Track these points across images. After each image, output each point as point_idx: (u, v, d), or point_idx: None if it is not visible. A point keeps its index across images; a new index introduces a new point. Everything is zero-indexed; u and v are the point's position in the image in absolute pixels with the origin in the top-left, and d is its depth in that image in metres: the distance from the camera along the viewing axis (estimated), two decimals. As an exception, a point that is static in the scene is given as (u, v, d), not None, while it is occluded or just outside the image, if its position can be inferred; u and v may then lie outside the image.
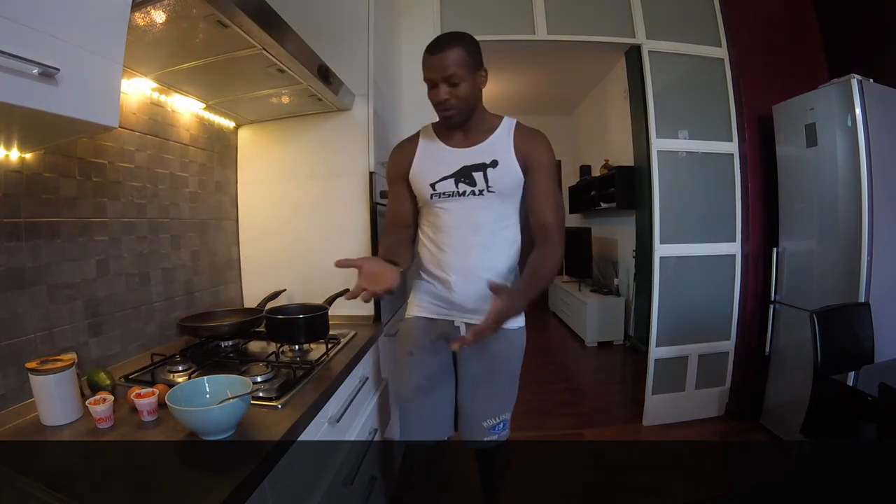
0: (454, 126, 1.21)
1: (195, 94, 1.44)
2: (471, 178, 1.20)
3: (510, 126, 1.22)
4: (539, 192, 1.19)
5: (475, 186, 1.20)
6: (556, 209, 1.19)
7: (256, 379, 1.04)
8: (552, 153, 1.21)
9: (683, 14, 2.45)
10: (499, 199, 1.20)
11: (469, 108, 1.16)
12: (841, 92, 1.97)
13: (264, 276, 1.80)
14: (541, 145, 1.20)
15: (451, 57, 1.09)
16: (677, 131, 2.40)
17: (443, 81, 1.11)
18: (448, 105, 1.13)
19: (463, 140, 1.23)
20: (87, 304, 1.11)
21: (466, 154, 1.21)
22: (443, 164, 1.22)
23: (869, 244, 1.88)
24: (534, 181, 1.19)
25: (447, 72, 1.10)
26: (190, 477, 0.67)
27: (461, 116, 1.17)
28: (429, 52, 1.12)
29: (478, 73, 1.16)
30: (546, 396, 2.97)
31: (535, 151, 1.19)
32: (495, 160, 1.19)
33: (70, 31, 0.66)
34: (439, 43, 1.12)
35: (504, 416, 1.33)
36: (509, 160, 1.18)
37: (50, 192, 1.02)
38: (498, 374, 1.29)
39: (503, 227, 1.22)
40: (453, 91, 1.12)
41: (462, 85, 1.12)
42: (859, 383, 1.51)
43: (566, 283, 4.92)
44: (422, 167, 1.25)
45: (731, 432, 2.38)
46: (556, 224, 1.18)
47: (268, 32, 1.04)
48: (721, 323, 2.51)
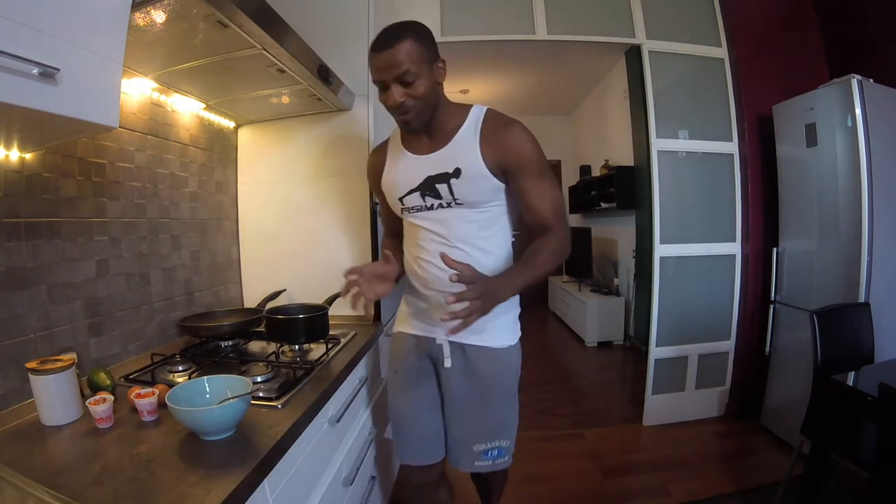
0: (416, 131, 1.06)
1: (195, 94, 1.44)
2: (435, 191, 1.06)
3: (477, 121, 1.05)
4: (530, 194, 1.04)
5: (441, 199, 1.06)
6: (553, 206, 1.05)
7: (256, 379, 1.04)
8: (534, 144, 1.03)
9: (683, 14, 2.45)
10: (473, 208, 1.06)
11: (429, 107, 1.01)
12: (841, 92, 1.97)
13: (264, 276, 1.80)
14: (517, 140, 1.02)
15: (401, 52, 0.93)
16: (677, 131, 2.40)
17: (395, 82, 0.95)
18: (405, 108, 0.98)
19: (427, 145, 1.08)
20: (87, 304, 1.11)
21: (429, 162, 1.06)
22: (407, 175, 1.10)
23: (869, 244, 1.88)
24: (520, 184, 1.04)
25: (399, 70, 0.93)
26: (190, 477, 0.67)
27: (422, 118, 1.01)
28: (374, 49, 0.96)
29: (435, 65, 1.00)
30: (546, 396, 2.97)
31: (511, 151, 1.01)
32: (458, 168, 1.03)
33: (70, 31, 0.66)
34: (386, 37, 0.95)
35: (499, 443, 1.17)
36: (475, 167, 1.02)
37: (50, 192, 1.02)
38: (489, 395, 1.15)
39: (484, 237, 1.08)
40: (409, 91, 0.96)
41: (418, 83, 0.96)
42: (859, 383, 1.50)
43: (566, 283, 4.92)
44: (389, 179, 1.15)
45: (731, 432, 2.38)
46: (555, 218, 1.04)
47: (268, 32, 1.04)
48: (721, 323, 2.51)
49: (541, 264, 1.00)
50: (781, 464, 1.89)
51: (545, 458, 2.18)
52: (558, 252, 1.03)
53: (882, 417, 1.21)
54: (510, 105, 5.08)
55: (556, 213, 1.05)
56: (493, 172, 1.03)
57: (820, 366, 1.51)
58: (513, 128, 1.02)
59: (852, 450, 1.40)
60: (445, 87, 1.08)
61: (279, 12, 1.09)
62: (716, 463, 2.11)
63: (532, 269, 0.99)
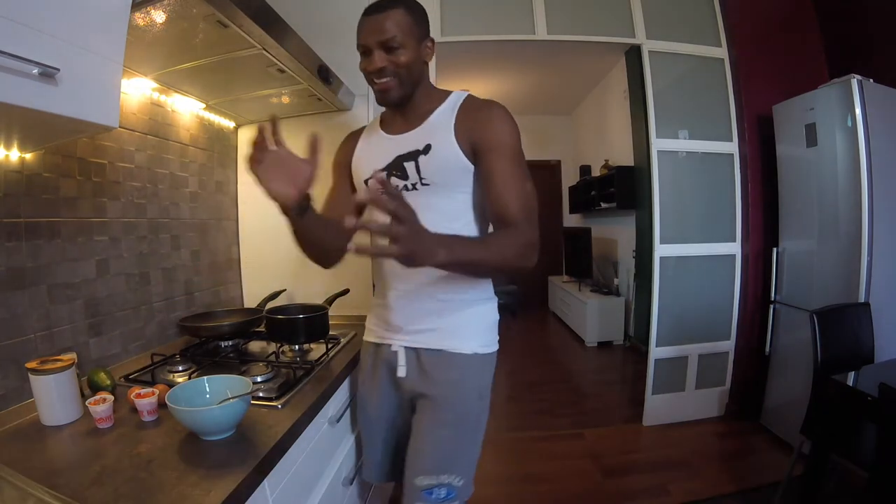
0: (392, 104, 0.97)
1: (195, 94, 1.44)
2: (403, 170, 0.97)
3: (457, 101, 0.98)
4: (494, 177, 0.91)
5: (408, 180, 0.97)
6: (520, 197, 0.90)
7: (256, 379, 1.04)
8: (512, 128, 0.94)
9: (683, 14, 2.45)
10: (439, 193, 0.95)
11: (410, 82, 0.95)
12: (841, 92, 1.97)
13: (264, 276, 1.80)
14: (495, 119, 0.93)
15: (391, 18, 0.90)
16: (677, 131, 2.40)
17: (379, 47, 0.90)
18: (384, 73, 0.91)
19: (401, 125, 1.01)
20: (87, 304, 1.11)
21: (402, 141, 0.99)
22: (378, 155, 1.01)
23: (869, 244, 1.88)
24: (487, 165, 0.92)
25: (385, 35, 0.89)
26: (190, 477, 0.67)
27: (401, 90, 0.94)
28: (365, 13, 0.93)
29: (423, 43, 0.95)
30: (546, 396, 2.97)
31: (485, 128, 0.92)
32: (428, 144, 0.95)
33: (70, 31, 0.66)
34: (379, 2, 0.92)
35: (448, 479, 0.94)
36: (446, 143, 0.94)
37: (50, 192, 1.02)
38: (441, 411, 0.97)
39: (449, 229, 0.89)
40: (392, 58, 0.91)
41: (402, 52, 0.91)
42: (859, 383, 1.50)
43: (566, 283, 4.92)
44: (359, 160, 1.07)
45: (731, 432, 2.38)
46: (521, 213, 0.89)
47: (268, 32, 1.04)
48: (721, 323, 2.51)
49: (490, 247, 0.85)
50: (781, 464, 1.89)
51: (545, 458, 2.18)
52: (518, 248, 0.86)
53: (882, 417, 1.21)
54: (510, 105, 4.98)
55: (524, 208, 0.90)
56: (465, 151, 0.93)
57: (820, 366, 1.51)
58: (492, 108, 0.96)
59: (852, 450, 1.40)
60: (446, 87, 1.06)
61: (279, 12, 1.09)
62: (716, 463, 2.11)
63: (478, 247, 0.85)
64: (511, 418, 2.66)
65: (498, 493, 1.91)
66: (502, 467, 2.12)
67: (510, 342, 4.34)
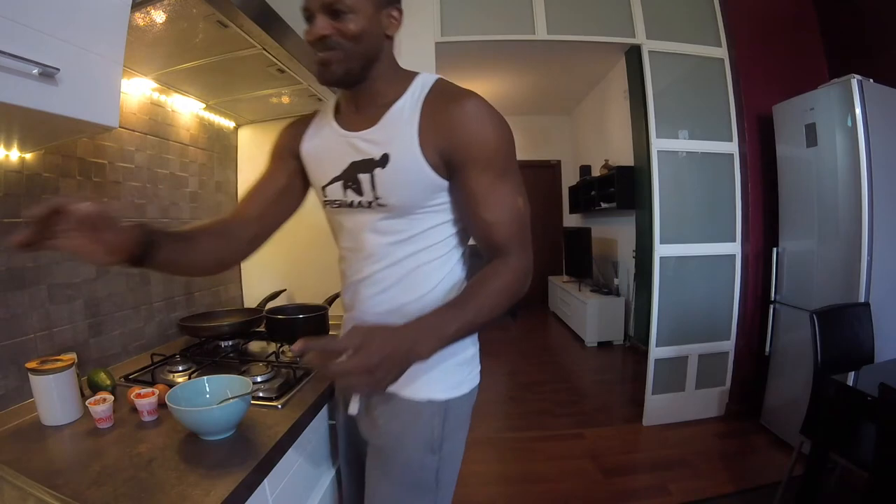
0: (332, 82, 0.74)
1: (195, 94, 1.44)
2: (357, 183, 0.77)
3: (422, 91, 0.75)
4: (476, 197, 0.72)
5: (362, 196, 0.76)
6: (510, 218, 0.73)
7: (256, 379, 1.04)
8: (494, 129, 0.72)
9: (683, 14, 2.45)
10: (397, 216, 0.76)
11: (359, 55, 0.72)
12: (841, 92, 1.97)
13: (264, 276, 1.80)
14: (470, 120, 0.71)
15: None
16: (677, 131, 2.40)
17: (322, 11, 0.69)
18: (327, 45, 0.70)
19: (356, 118, 0.78)
20: (87, 304, 1.11)
21: (357, 142, 0.76)
22: (331, 154, 0.80)
23: (869, 244, 1.88)
24: (466, 182, 0.73)
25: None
26: (190, 477, 0.67)
27: (346, 66, 0.71)
28: None
29: (385, 10, 0.73)
30: (546, 396, 2.97)
31: (458, 133, 0.71)
32: (386, 154, 0.73)
33: (70, 31, 0.66)
34: None
35: None
36: (407, 154, 0.72)
37: (50, 192, 1.02)
38: (385, 466, 0.80)
39: (411, 255, 0.77)
40: (337, 24, 0.69)
41: (352, 18, 0.68)
42: (859, 383, 1.51)
43: (566, 283, 4.92)
44: (310, 159, 0.86)
45: (731, 432, 2.38)
46: (512, 238, 0.74)
47: (268, 32, 1.04)
48: (721, 323, 2.51)
49: (481, 306, 0.68)
50: (781, 464, 1.89)
51: (545, 458, 2.18)
52: (510, 289, 0.72)
53: (882, 417, 1.21)
54: (510, 105, 5.08)
55: (516, 232, 0.74)
56: (432, 164, 0.72)
57: (820, 366, 1.52)
58: (466, 101, 0.72)
59: (852, 450, 1.40)
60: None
61: (279, 12, 1.09)
62: (716, 463, 2.11)
63: (467, 313, 0.67)
64: (511, 418, 2.66)
65: (497, 493, 1.91)
66: (502, 467, 2.12)
67: (510, 342, 4.35)
